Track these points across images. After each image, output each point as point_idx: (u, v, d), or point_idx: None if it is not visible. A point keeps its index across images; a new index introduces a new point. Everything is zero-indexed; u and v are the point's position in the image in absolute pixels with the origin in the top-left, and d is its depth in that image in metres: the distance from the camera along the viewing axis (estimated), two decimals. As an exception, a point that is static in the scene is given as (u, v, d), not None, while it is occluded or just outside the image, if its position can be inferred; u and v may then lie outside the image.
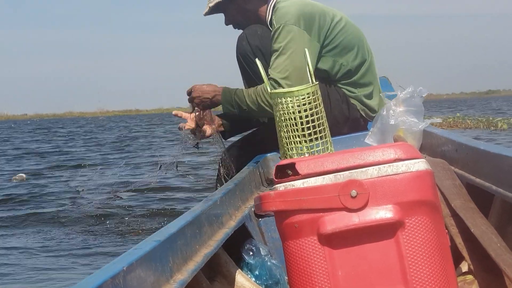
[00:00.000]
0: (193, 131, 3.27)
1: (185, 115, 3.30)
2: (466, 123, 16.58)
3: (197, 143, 3.31)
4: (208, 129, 3.26)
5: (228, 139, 3.46)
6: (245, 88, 3.26)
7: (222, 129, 3.34)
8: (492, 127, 15.41)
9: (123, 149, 15.53)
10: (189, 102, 3.28)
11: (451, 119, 17.44)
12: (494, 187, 1.95)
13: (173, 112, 3.40)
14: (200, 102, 3.22)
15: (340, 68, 3.19)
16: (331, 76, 3.20)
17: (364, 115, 3.23)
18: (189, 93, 3.25)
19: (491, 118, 17.22)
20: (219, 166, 3.37)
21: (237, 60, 3.26)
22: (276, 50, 3.05)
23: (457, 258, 1.92)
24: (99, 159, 12.66)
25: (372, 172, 1.48)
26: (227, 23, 3.33)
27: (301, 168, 1.51)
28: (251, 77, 3.20)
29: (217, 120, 3.32)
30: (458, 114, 20.72)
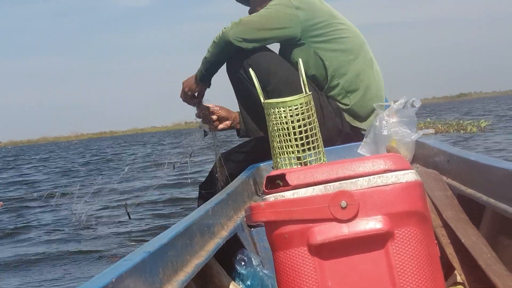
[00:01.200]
0: (206, 122, 3.42)
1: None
2: (437, 127, 16.64)
3: (204, 131, 3.45)
4: (220, 124, 3.41)
5: (238, 139, 3.58)
6: (239, 104, 3.32)
7: (237, 127, 3.43)
8: (462, 130, 15.50)
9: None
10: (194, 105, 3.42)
11: (422, 124, 17.49)
12: (485, 198, 1.95)
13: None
14: (185, 94, 3.38)
15: (332, 76, 3.21)
16: (321, 81, 3.23)
17: (357, 127, 3.25)
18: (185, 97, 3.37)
19: (461, 122, 17.28)
20: (213, 173, 3.40)
21: (228, 74, 3.31)
22: None
23: (448, 269, 1.92)
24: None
25: (362, 183, 1.48)
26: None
27: (291, 179, 1.51)
28: (243, 92, 3.24)
29: (234, 117, 3.40)
30: (428, 119, 20.77)
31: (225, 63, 3.29)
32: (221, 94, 3.57)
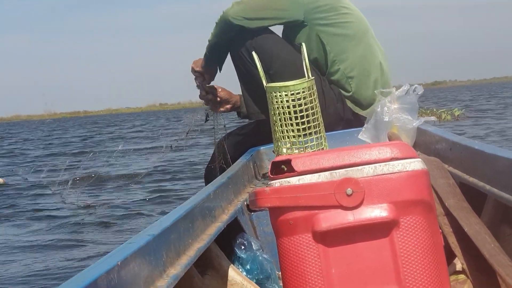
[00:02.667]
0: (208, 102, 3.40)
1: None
2: None
3: (207, 115, 3.43)
4: (221, 108, 3.40)
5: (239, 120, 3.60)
6: (242, 87, 3.31)
7: (238, 110, 3.43)
8: (436, 118, 15.44)
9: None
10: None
11: None
12: (487, 187, 1.95)
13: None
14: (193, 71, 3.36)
15: (333, 61, 3.20)
16: (322, 65, 3.21)
17: (358, 115, 3.24)
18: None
19: (435, 110, 17.22)
20: (215, 153, 3.40)
21: (231, 57, 3.29)
22: None
23: (449, 257, 1.92)
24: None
25: (368, 171, 1.47)
26: None
27: (297, 165, 1.50)
28: (245, 75, 3.22)
29: (235, 101, 3.39)
30: None
31: (229, 49, 3.27)
32: (224, 77, 3.55)
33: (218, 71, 3.38)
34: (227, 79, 3.58)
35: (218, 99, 3.37)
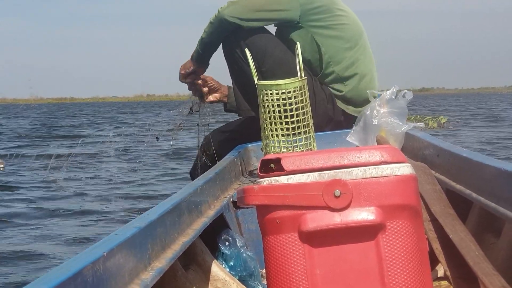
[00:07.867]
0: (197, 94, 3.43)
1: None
2: None
3: (191, 108, 3.46)
4: (210, 96, 3.42)
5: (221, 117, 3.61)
6: (233, 83, 3.31)
7: (225, 100, 3.42)
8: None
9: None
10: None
11: None
12: (474, 195, 1.96)
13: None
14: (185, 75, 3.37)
15: (328, 63, 3.20)
16: (315, 67, 3.21)
17: (348, 116, 3.25)
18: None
19: (419, 117, 17.30)
20: (200, 150, 3.40)
21: (224, 53, 3.29)
22: None
23: (433, 263, 1.93)
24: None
25: (357, 173, 1.48)
26: None
27: (287, 164, 1.50)
28: (237, 71, 3.22)
29: (223, 90, 3.40)
30: None
31: (222, 45, 3.27)
32: (215, 72, 3.56)
33: (206, 66, 3.39)
34: (216, 72, 3.59)
35: (208, 88, 3.38)
